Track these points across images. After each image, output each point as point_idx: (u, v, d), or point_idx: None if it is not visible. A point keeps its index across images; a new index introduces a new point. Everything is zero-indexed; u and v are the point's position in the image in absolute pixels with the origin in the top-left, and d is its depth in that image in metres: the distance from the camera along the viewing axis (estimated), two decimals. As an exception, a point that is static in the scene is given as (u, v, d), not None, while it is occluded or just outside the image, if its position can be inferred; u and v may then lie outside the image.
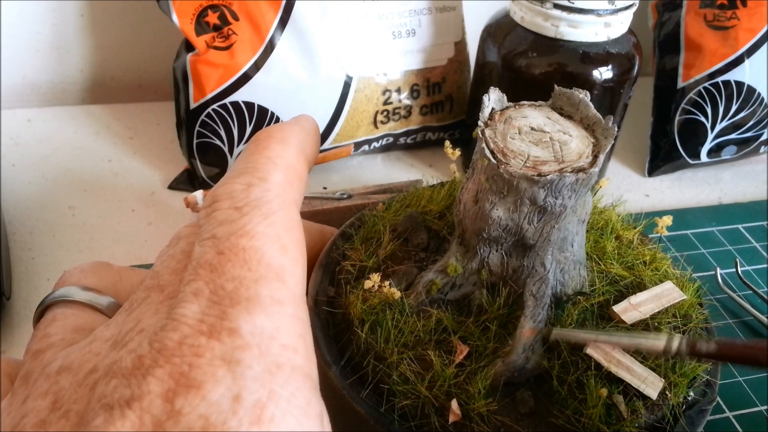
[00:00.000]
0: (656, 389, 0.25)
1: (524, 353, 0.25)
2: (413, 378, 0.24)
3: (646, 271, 0.29)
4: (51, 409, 0.18)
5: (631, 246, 0.31)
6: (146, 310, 0.20)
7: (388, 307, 0.27)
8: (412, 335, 0.26)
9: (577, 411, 0.24)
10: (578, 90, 0.27)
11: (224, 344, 0.18)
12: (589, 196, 0.27)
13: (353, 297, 0.27)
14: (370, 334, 0.26)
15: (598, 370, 0.25)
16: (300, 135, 0.24)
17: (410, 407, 0.25)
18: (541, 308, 0.26)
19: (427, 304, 0.27)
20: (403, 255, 0.29)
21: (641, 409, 0.25)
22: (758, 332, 0.40)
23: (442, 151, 0.55)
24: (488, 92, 0.27)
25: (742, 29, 0.49)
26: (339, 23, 0.46)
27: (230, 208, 0.21)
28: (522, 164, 0.25)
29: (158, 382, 0.17)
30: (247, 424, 0.16)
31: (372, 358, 0.26)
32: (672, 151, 0.53)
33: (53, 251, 0.43)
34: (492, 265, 0.27)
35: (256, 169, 0.22)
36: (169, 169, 0.51)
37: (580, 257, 0.28)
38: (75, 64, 0.59)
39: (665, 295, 0.28)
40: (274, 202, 0.21)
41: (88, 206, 0.47)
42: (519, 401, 0.25)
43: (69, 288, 0.24)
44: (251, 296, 0.19)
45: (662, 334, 0.24)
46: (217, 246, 0.20)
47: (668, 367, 0.26)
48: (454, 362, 0.25)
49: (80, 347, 0.20)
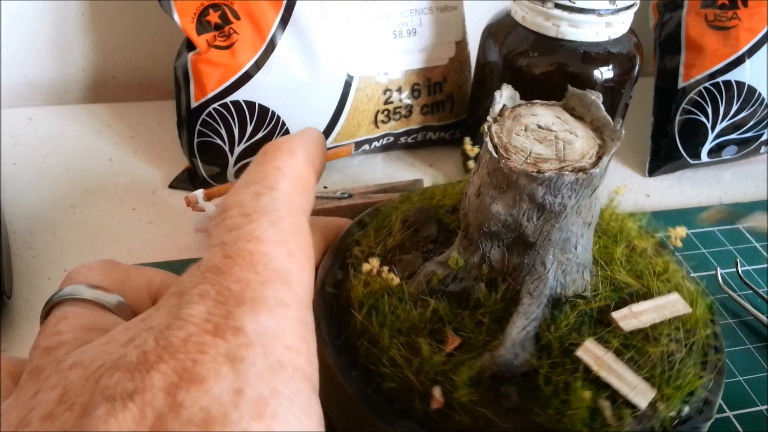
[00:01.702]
0: (646, 399, 0.24)
1: (513, 349, 0.25)
2: (402, 363, 0.25)
3: (656, 282, 0.29)
4: (58, 402, 0.18)
5: (643, 255, 0.30)
6: (162, 312, 0.20)
7: (388, 293, 0.27)
8: (407, 322, 0.26)
9: (560, 411, 0.24)
10: (591, 91, 0.27)
11: (228, 342, 0.18)
12: (597, 200, 0.27)
13: (356, 281, 0.28)
14: (367, 317, 0.26)
15: (587, 374, 0.25)
16: (307, 146, 0.25)
17: (396, 391, 0.25)
18: (536, 306, 0.26)
19: (426, 293, 0.27)
20: (412, 245, 0.30)
21: (628, 417, 0.24)
22: (758, 332, 0.40)
23: (442, 150, 0.56)
24: (501, 89, 0.27)
25: (743, 29, 0.49)
26: (340, 23, 0.46)
27: (239, 216, 0.21)
28: (523, 160, 0.25)
29: (161, 377, 0.17)
30: (248, 418, 0.17)
31: (366, 341, 0.26)
32: (672, 150, 0.53)
33: (54, 250, 0.43)
34: (493, 260, 0.27)
35: (265, 179, 0.22)
36: (170, 168, 0.51)
37: (584, 260, 0.28)
38: (76, 63, 0.59)
39: (669, 307, 0.27)
40: (282, 209, 0.22)
41: (88, 205, 0.47)
42: (503, 396, 0.25)
43: (76, 286, 0.24)
44: (257, 297, 0.19)
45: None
46: (225, 251, 0.20)
47: (663, 378, 0.25)
48: (445, 352, 0.25)
49: (95, 346, 0.20)
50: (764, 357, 0.38)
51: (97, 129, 0.55)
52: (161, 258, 0.42)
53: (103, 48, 0.59)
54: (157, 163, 0.51)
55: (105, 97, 0.61)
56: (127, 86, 0.62)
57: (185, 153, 0.48)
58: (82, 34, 0.58)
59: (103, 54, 0.60)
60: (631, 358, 0.26)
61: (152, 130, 0.55)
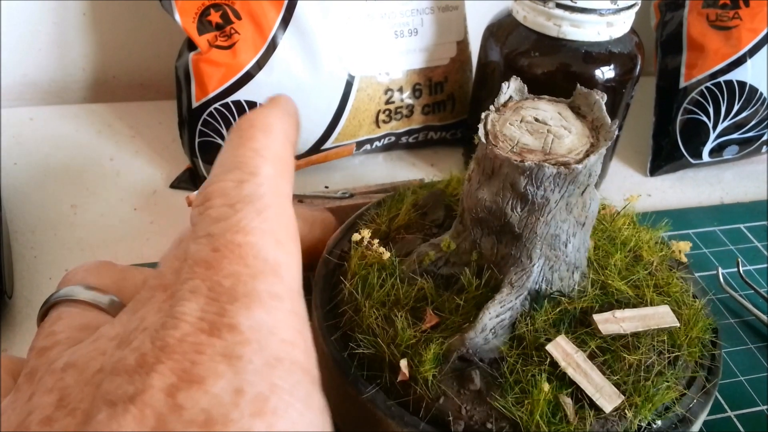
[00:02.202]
0: (611, 403, 0.24)
1: (483, 333, 0.25)
2: (378, 332, 0.26)
3: (651, 293, 0.28)
4: (57, 406, 0.18)
5: (647, 267, 0.30)
6: (150, 309, 0.20)
7: (382, 268, 0.28)
8: (393, 297, 0.27)
9: (519, 401, 0.24)
10: (597, 92, 0.27)
11: (225, 341, 0.18)
12: (593, 201, 0.27)
13: (354, 252, 0.29)
14: (356, 286, 0.28)
15: (555, 369, 0.25)
16: (282, 120, 0.24)
17: (369, 358, 0.26)
18: (514, 297, 0.26)
19: (418, 273, 0.28)
20: (417, 227, 0.31)
21: (591, 418, 0.24)
22: (759, 332, 0.40)
23: (444, 150, 0.56)
24: (509, 81, 0.28)
25: (744, 29, 0.49)
26: (341, 22, 0.46)
27: (223, 206, 0.20)
28: (509, 149, 0.25)
29: (160, 378, 0.17)
30: (249, 416, 0.17)
31: (351, 308, 0.27)
32: (674, 150, 0.53)
33: (55, 250, 0.43)
34: (483, 248, 0.28)
35: (245, 164, 0.22)
36: (171, 168, 0.51)
37: (575, 260, 0.28)
38: (77, 63, 0.59)
39: (655, 318, 0.27)
40: (267, 196, 0.21)
41: (89, 205, 0.47)
42: (466, 377, 0.25)
43: (73, 287, 0.24)
44: (249, 292, 0.19)
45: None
46: (212, 243, 0.20)
47: (636, 387, 0.25)
48: (421, 329, 0.26)
49: (85, 345, 0.20)
50: (765, 357, 0.38)
51: (98, 129, 0.55)
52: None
53: (104, 48, 0.59)
54: (159, 163, 0.51)
55: (106, 97, 0.61)
56: (128, 86, 0.62)
57: (186, 153, 0.48)
58: (83, 33, 0.58)
59: (104, 54, 0.60)
60: (605, 362, 0.25)
61: (153, 130, 0.55)
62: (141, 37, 0.59)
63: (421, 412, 0.25)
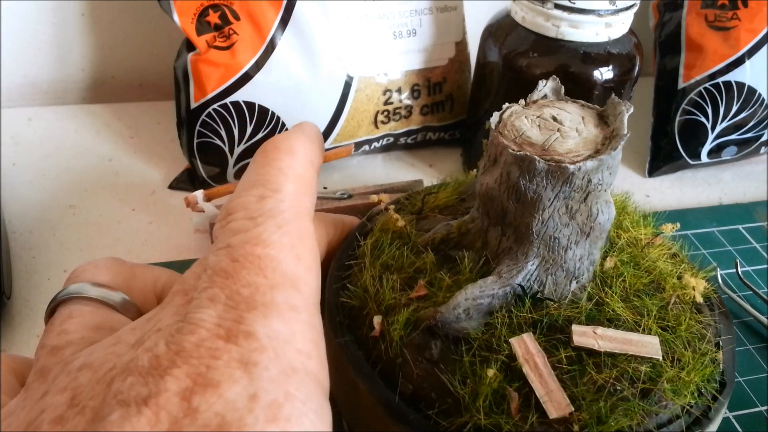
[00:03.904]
0: (558, 411, 0.23)
1: (455, 311, 0.26)
2: (369, 288, 0.27)
3: (654, 326, 0.26)
4: (69, 405, 0.18)
5: (663, 301, 0.28)
6: (168, 311, 0.20)
7: (400, 237, 0.30)
8: (398, 262, 0.29)
9: (464, 379, 0.24)
10: (626, 103, 0.27)
11: (241, 347, 0.18)
12: (602, 213, 0.26)
13: (379, 216, 0.31)
14: (368, 248, 0.29)
15: (513, 362, 0.24)
16: (306, 144, 0.25)
17: (356, 309, 0.28)
18: (498, 287, 0.26)
19: (430, 249, 0.29)
20: (451, 211, 0.32)
21: (533, 420, 0.23)
22: (758, 333, 0.40)
23: (442, 150, 0.56)
24: (546, 79, 0.29)
25: (743, 30, 0.49)
26: (340, 23, 0.46)
27: (244, 219, 0.21)
28: (512, 138, 0.26)
29: (175, 381, 0.17)
30: (263, 421, 0.17)
31: (355, 265, 0.29)
32: (672, 151, 0.53)
33: (54, 250, 0.43)
34: (490, 237, 0.28)
35: (268, 181, 0.22)
36: (169, 168, 0.51)
37: (575, 270, 0.27)
38: (76, 63, 0.59)
39: (637, 345, 0.25)
40: (288, 212, 0.22)
41: (88, 205, 0.47)
42: (426, 347, 0.26)
43: (82, 284, 0.23)
44: (267, 302, 0.19)
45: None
46: (232, 254, 0.20)
47: (592, 405, 0.24)
48: (408, 296, 0.27)
49: (103, 346, 0.20)
50: (764, 357, 0.38)
51: (97, 129, 0.55)
52: (161, 258, 0.42)
53: (103, 48, 0.59)
54: (157, 164, 0.51)
55: (105, 98, 0.61)
56: (127, 86, 0.62)
57: (185, 153, 0.48)
58: (82, 34, 0.58)
59: (103, 54, 0.60)
60: (570, 373, 0.24)
61: (152, 131, 0.55)
62: (140, 37, 0.59)
63: (379, 367, 0.26)
